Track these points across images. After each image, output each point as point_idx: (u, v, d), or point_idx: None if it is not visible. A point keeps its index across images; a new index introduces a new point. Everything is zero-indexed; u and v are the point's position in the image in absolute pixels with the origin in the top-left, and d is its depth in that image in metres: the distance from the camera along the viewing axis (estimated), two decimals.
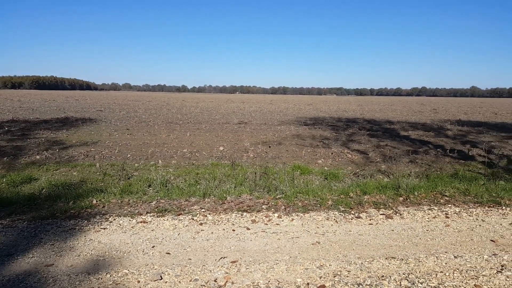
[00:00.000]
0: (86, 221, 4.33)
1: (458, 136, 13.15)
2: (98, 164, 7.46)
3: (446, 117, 22.66)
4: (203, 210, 4.79)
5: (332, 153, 9.30)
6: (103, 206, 4.90)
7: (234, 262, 3.34)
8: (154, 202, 5.07)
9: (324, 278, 3.05)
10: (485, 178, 6.55)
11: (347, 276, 3.07)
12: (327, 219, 4.52)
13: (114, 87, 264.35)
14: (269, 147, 10.03)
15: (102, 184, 5.92)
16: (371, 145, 10.69)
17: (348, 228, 4.27)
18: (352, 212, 4.80)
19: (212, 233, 4.06)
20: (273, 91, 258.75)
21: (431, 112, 28.59)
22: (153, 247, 3.68)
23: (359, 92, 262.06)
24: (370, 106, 38.24)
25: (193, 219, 4.47)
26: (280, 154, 9.12)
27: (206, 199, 5.23)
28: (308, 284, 2.95)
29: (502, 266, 3.26)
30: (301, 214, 4.68)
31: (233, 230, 4.13)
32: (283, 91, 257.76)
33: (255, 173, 6.48)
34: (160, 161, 7.96)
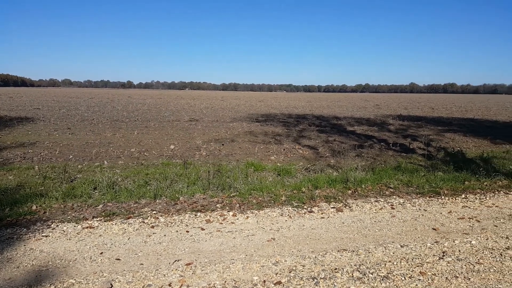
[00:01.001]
0: (25, 229, 3.99)
1: (399, 130, 13.98)
2: (37, 166, 6.92)
3: (388, 113, 24.00)
4: (155, 212, 4.63)
5: (284, 149, 9.45)
6: (44, 212, 4.54)
7: (189, 264, 3.25)
8: (100, 206, 4.80)
9: (280, 274, 3.08)
10: (425, 170, 7.02)
11: (302, 271, 3.12)
12: (281, 215, 4.58)
13: (53, 83, 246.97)
14: (222, 144, 9.96)
15: (42, 188, 5.49)
16: (320, 140, 11.02)
17: (301, 223, 4.35)
18: (305, 207, 4.90)
19: (165, 235, 3.93)
20: (224, 87, 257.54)
21: (374, 108, 30.13)
22: (101, 253, 3.47)
23: (307, 89, 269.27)
24: (319, 103, 39.48)
25: (144, 222, 4.29)
26: (233, 151, 9.09)
27: (157, 201, 5.05)
28: (264, 281, 2.96)
29: (443, 252, 3.50)
30: (256, 211, 4.69)
31: (187, 232, 4.03)
32: (234, 87, 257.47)
33: (209, 172, 6.39)
34: (106, 162, 7.57)
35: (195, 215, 4.51)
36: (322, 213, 4.68)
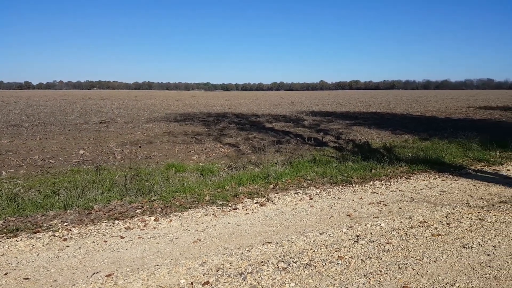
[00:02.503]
0: None
1: (313, 126, 14.84)
2: None
3: (302, 109, 25.34)
4: (66, 223, 4.21)
5: (205, 148, 9.36)
6: None
7: (110, 275, 3.03)
8: (1, 222, 4.21)
9: (208, 274, 3.04)
10: (337, 161, 7.55)
11: (230, 268, 3.13)
12: (206, 215, 4.52)
13: None
14: (139, 147, 9.49)
15: None
16: (241, 138, 11.17)
17: (227, 220, 4.35)
18: (229, 204, 4.91)
19: (79, 248, 3.60)
20: (137, 86, 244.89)
21: (290, 105, 31.57)
22: (5, 274, 3.05)
23: (225, 87, 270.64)
24: (237, 101, 39.98)
25: (54, 235, 3.88)
26: (151, 153, 8.72)
27: (68, 211, 4.61)
28: (192, 283, 2.89)
29: (357, 236, 3.80)
30: (180, 214, 4.56)
31: (105, 241, 3.75)
32: (149, 86, 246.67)
33: (125, 176, 6.03)
34: (4, 172, 6.68)
35: (113, 223, 4.22)
36: (246, 209, 4.75)
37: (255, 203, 5.00)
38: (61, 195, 5.12)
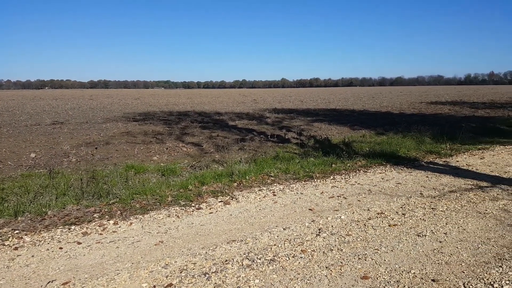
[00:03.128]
0: None
1: (276, 123, 14.99)
2: None
3: (265, 107, 25.51)
4: (17, 231, 3.97)
5: (167, 148, 9.17)
6: None
7: (66, 283, 2.89)
8: None
9: (171, 276, 2.98)
10: (300, 157, 7.68)
11: (193, 269, 3.09)
12: (169, 216, 4.43)
13: None
14: (96, 148, 9.12)
15: None
16: (204, 136, 11.05)
17: (190, 221, 4.29)
18: (193, 204, 4.85)
19: (32, 256, 3.40)
20: (93, 85, 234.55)
21: (252, 103, 31.68)
22: None
23: (187, 85, 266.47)
24: (199, 99, 39.53)
25: (4, 244, 3.64)
26: (109, 154, 8.41)
27: (19, 218, 4.34)
28: (154, 286, 2.83)
29: (319, 229, 3.89)
30: (140, 216, 4.44)
31: (60, 248, 3.57)
32: (105, 84, 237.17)
33: (81, 180, 5.78)
34: None
35: (69, 229, 4.03)
36: (210, 209, 4.71)
37: (219, 202, 4.97)
38: (11, 201, 4.82)
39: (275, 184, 5.84)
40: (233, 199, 5.07)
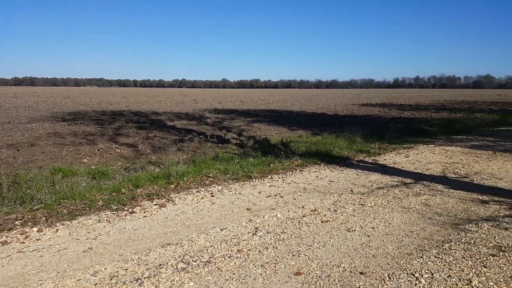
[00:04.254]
0: None
1: (216, 123, 14.91)
2: None
3: (205, 107, 25.27)
4: None
5: (99, 150, 8.67)
6: None
7: None
8: None
9: (100, 284, 2.82)
10: (239, 157, 7.73)
11: (125, 275, 2.96)
12: (99, 221, 4.19)
13: None
14: (18, 150, 8.33)
15: None
16: (140, 137, 10.64)
17: (122, 225, 4.10)
18: (126, 208, 4.64)
19: None
20: (17, 82, 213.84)
21: (192, 103, 31.21)
22: None
23: (122, 84, 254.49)
24: (136, 98, 37.97)
25: None
26: (34, 157, 7.74)
27: None
28: None
29: (256, 228, 3.95)
30: (68, 222, 4.14)
31: None
32: (31, 82, 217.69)
33: (1, 185, 5.25)
34: None
35: None
36: (144, 212, 4.54)
37: (154, 204, 4.82)
38: None
39: (213, 185, 5.81)
40: (170, 202, 4.94)
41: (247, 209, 4.64)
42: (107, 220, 4.25)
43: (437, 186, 5.74)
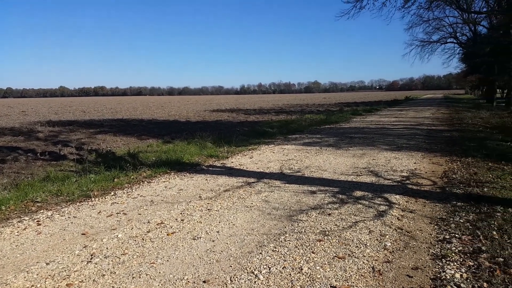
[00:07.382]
0: None
1: (49, 137, 13.00)
2: None
3: (37, 119, 21.88)
4: None
5: None
6: None
7: None
8: None
9: None
10: (77, 175, 6.86)
11: None
12: None
13: None
14: None
15: None
16: None
17: None
18: None
19: None
20: None
21: (20, 115, 26.61)
22: None
23: None
24: None
25: None
26: None
27: None
28: None
29: (91, 255, 3.50)
30: None
31: None
32: None
33: None
34: None
35: None
36: None
37: None
38: None
39: (42, 210, 4.97)
40: None
41: (83, 234, 4.10)
42: None
43: (276, 182, 6.28)
